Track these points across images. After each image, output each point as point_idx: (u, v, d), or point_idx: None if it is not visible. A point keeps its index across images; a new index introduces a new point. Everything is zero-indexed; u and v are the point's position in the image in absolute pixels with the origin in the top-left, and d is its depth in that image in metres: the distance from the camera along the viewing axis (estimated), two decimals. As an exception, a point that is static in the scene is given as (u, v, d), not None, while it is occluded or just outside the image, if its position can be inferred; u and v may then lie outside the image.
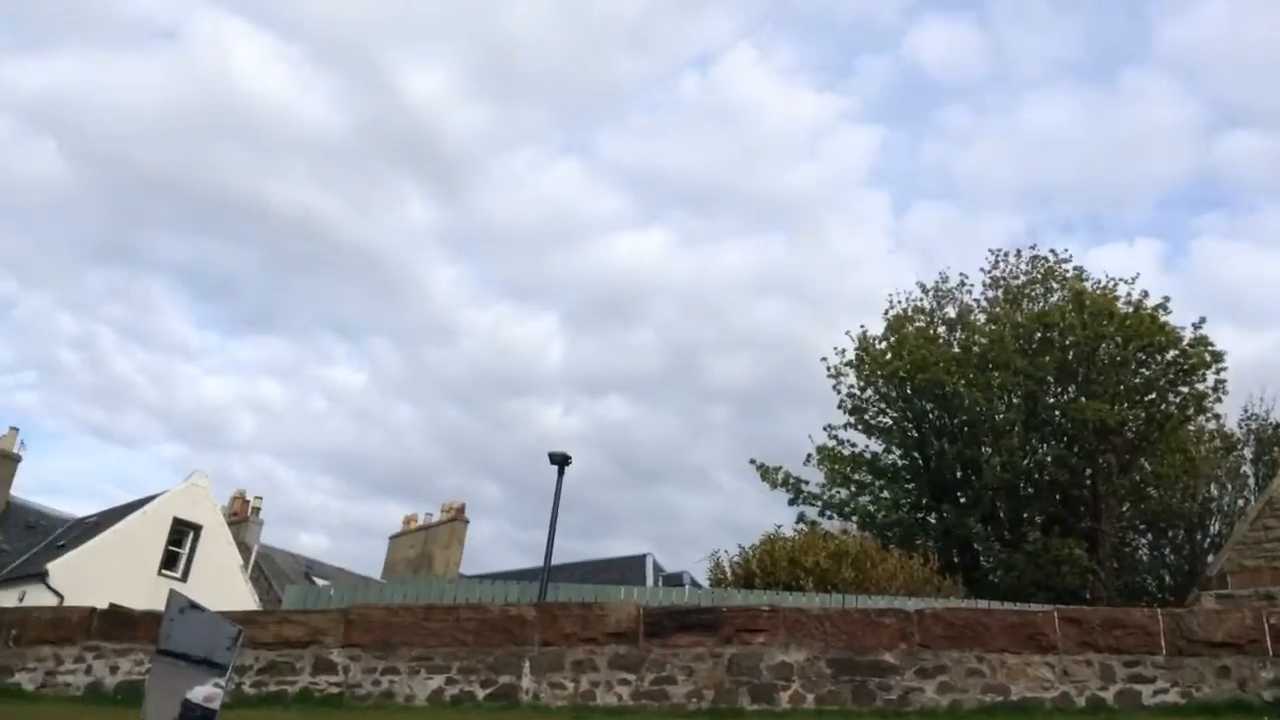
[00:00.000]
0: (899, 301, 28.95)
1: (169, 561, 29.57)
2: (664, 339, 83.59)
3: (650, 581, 26.78)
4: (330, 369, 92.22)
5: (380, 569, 36.92)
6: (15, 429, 32.14)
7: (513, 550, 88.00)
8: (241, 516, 34.30)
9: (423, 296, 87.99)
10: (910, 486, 27.77)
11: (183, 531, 30.08)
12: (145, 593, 23.61)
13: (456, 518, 36.00)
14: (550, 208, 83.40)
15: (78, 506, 59.69)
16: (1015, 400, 26.59)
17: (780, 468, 27.86)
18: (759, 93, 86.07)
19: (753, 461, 28.15)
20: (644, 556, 29.49)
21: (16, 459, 32.10)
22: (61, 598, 25.16)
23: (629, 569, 28.28)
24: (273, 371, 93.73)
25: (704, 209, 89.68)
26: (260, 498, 35.36)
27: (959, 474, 27.09)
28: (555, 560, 17.42)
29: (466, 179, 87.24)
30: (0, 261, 76.64)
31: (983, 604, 16.47)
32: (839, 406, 28.51)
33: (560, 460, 17.05)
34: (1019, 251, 28.68)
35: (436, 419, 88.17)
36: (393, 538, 37.39)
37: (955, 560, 25.50)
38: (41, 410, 78.34)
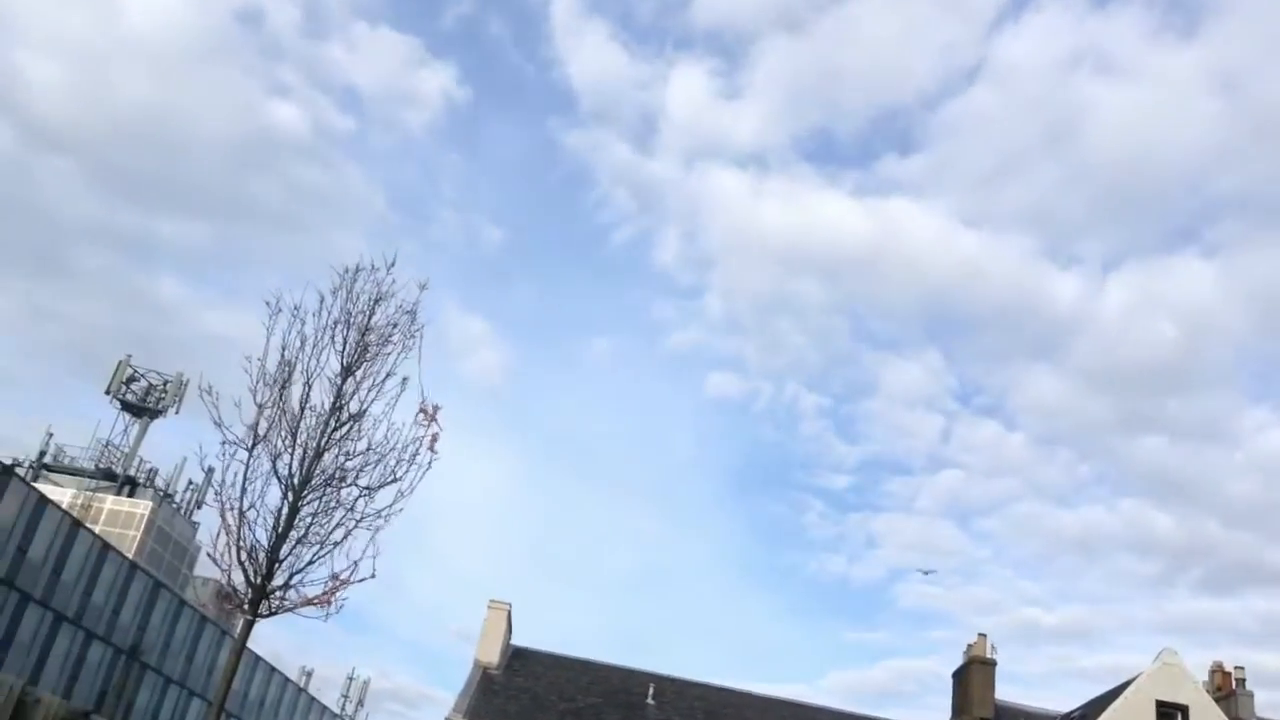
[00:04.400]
0: None
1: (1165, 748, 28.34)
2: None
3: None
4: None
5: None
6: (983, 635, 34.36)
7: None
8: (1226, 690, 31.72)
9: None
10: None
11: (1169, 715, 28.79)
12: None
13: None
14: None
15: (1037, 697, 60.42)
16: None
17: None
18: None
19: None
20: None
21: (993, 663, 34.14)
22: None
23: None
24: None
25: None
26: (1242, 668, 32.45)
27: None
28: None
29: None
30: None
31: None
32: None
33: None
34: None
35: None
36: None
37: None
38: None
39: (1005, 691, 33.37)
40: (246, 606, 13.46)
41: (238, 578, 13.35)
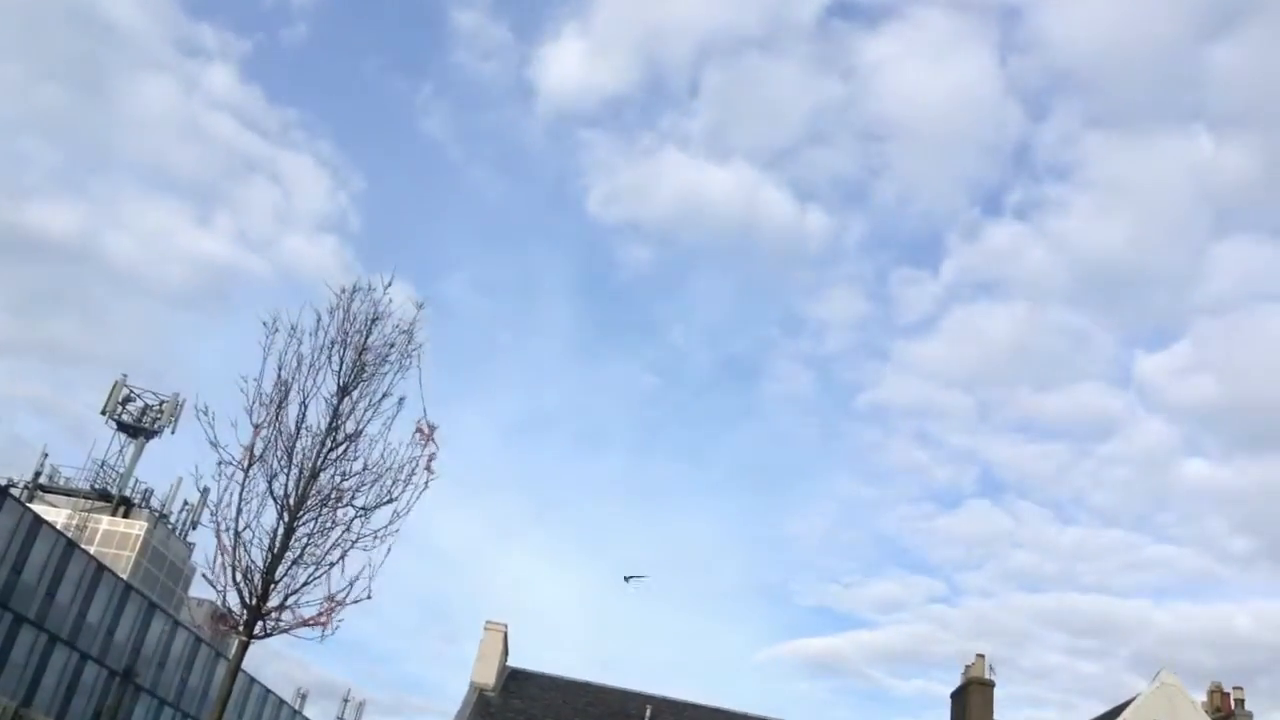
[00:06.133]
0: None
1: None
2: None
3: None
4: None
5: None
6: (981, 655, 34.18)
7: None
8: (1225, 711, 31.52)
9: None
10: None
11: (1166, 736, 28.62)
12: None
13: None
14: None
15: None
16: None
17: None
18: None
19: None
20: None
21: (992, 684, 33.92)
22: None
23: None
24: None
25: None
26: (1240, 688, 32.27)
27: None
28: None
29: None
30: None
31: None
32: None
33: None
34: None
35: None
36: None
37: None
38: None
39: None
40: (241, 628, 13.41)
41: (233, 599, 13.30)
